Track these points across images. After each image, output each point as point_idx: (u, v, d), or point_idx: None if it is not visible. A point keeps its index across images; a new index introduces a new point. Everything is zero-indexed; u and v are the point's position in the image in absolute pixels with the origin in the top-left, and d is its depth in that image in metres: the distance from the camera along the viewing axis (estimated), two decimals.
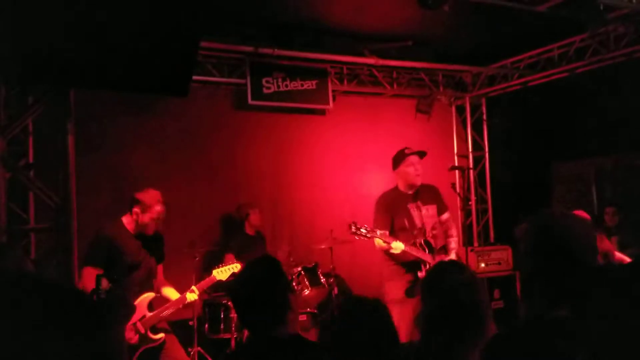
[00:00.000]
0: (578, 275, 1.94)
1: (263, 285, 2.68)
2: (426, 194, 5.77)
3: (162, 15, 3.85)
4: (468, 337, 2.31)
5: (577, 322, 1.79)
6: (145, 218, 4.72)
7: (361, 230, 5.21)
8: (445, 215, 5.89)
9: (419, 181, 5.70)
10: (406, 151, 5.72)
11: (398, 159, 5.75)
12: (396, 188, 5.77)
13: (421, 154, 5.83)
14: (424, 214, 5.65)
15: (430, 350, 2.35)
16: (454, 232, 5.93)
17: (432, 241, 5.58)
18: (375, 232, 5.26)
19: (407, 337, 3.58)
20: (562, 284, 1.99)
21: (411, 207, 5.65)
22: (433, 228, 5.64)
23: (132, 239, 4.71)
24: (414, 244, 5.47)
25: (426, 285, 2.53)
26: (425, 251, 5.49)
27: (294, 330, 2.70)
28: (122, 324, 4.62)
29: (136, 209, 4.72)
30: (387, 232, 5.43)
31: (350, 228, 5.22)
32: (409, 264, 5.50)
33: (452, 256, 5.71)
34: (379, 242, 5.39)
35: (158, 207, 4.78)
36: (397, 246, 5.29)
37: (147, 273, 4.81)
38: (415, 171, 5.64)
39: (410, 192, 5.70)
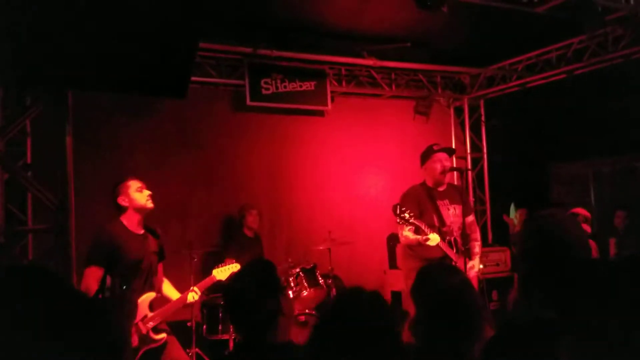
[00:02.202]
0: (572, 276, 1.95)
1: (254, 289, 2.66)
2: (454, 193, 5.65)
3: (160, 17, 3.85)
4: (462, 339, 2.31)
5: (572, 322, 1.79)
6: (134, 196, 4.67)
7: (405, 214, 5.09)
8: (470, 218, 5.75)
9: (445, 178, 5.61)
10: (434, 147, 5.59)
11: (426, 155, 5.61)
12: (424, 183, 5.62)
13: (450, 151, 5.77)
14: (452, 213, 5.53)
15: (425, 353, 2.35)
16: (477, 235, 5.82)
17: (458, 241, 5.48)
18: (417, 220, 5.13)
19: None
20: (557, 285, 2.00)
21: (441, 204, 5.52)
22: (459, 228, 5.49)
23: (132, 238, 4.69)
24: (444, 241, 5.34)
25: (418, 289, 2.51)
26: (453, 250, 5.42)
27: (285, 335, 2.68)
28: (127, 320, 4.60)
29: (120, 199, 4.68)
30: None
31: (395, 210, 5.09)
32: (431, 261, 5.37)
33: (476, 261, 5.59)
34: (408, 235, 5.28)
35: (132, 181, 4.74)
36: (434, 238, 5.14)
37: (148, 272, 4.79)
38: (441, 168, 5.50)
39: (439, 189, 5.58)
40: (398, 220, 5.17)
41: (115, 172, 6.88)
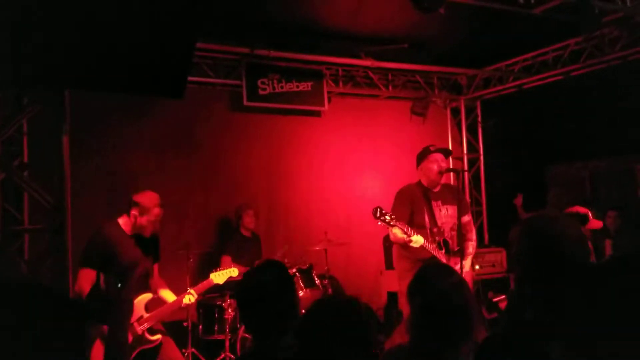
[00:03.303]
0: (568, 279, 1.95)
1: (274, 293, 2.66)
2: (448, 193, 5.64)
3: (157, 16, 3.85)
4: (456, 340, 2.32)
5: (567, 324, 1.80)
6: (143, 221, 4.69)
7: (385, 217, 5.04)
8: (466, 218, 5.71)
9: (441, 179, 5.60)
10: (431, 148, 5.57)
11: (422, 156, 5.59)
12: (419, 183, 5.60)
13: (446, 152, 5.75)
14: (444, 214, 5.52)
15: (419, 353, 2.35)
16: (472, 235, 5.77)
17: (450, 242, 5.46)
18: (399, 221, 5.09)
19: None
20: (554, 287, 2.00)
21: (434, 204, 5.51)
22: (452, 229, 5.50)
23: (128, 240, 4.70)
24: (433, 242, 5.33)
25: (414, 288, 2.52)
26: (442, 251, 5.40)
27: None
28: (123, 321, 4.60)
29: (134, 212, 4.68)
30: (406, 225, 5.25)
31: (375, 213, 5.03)
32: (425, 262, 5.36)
33: (469, 261, 5.56)
34: (396, 233, 5.22)
35: (156, 210, 4.74)
36: (417, 240, 5.12)
37: (143, 273, 4.80)
38: (438, 168, 5.47)
39: (434, 190, 5.56)
40: (379, 223, 5.14)
41: (112, 172, 6.91)
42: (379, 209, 5.10)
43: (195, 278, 5.54)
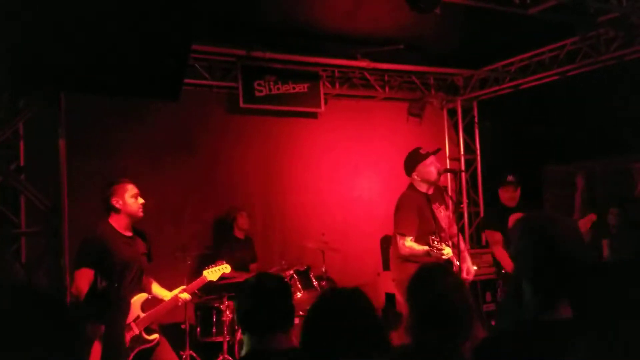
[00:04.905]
0: (569, 277, 1.95)
1: (279, 293, 2.79)
2: (438, 194, 5.62)
3: (153, 19, 3.85)
4: (456, 338, 2.33)
5: (568, 324, 1.80)
6: (127, 201, 4.68)
7: (435, 243, 4.99)
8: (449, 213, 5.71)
9: (439, 180, 5.57)
10: (422, 151, 5.50)
11: (415, 161, 5.50)
12: (414, 188, 5.52)
13: (436, 152, 5.70)
14: (443, 215, 5.50)
15: (420, 352, 2.36)
16: (455, 229, 5.72)
17: (449, 243, 5.45)
18: (442, 245, 5.04)
19: None
20: (553, 286, 2.00)
21: (435, 208, 5.47)
22: (447, 227, 5.50)
23: (121, 239, 4.70)
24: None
25: (413, 288, 2.54)
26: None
27: (293, 342, 2.70)
28: (121, 321, 4.61)
29: (115, 199, 4.67)
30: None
31: (434, 242, 4.99)
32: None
33: (469, 261, 5.58)
34: (411, 244, 5.17)
35: (131, 186, 4.73)
36: (448, 252, 5.05)
37: (138, 273, 4.80)
38: (437, 170, 5.44)
39: (430, 193, 5.51)
40: (435, 251, 5.04)
41: (109, 175, 6.86)
42: (435, 239, 5.03)
43: (192, 280, 5.53)
